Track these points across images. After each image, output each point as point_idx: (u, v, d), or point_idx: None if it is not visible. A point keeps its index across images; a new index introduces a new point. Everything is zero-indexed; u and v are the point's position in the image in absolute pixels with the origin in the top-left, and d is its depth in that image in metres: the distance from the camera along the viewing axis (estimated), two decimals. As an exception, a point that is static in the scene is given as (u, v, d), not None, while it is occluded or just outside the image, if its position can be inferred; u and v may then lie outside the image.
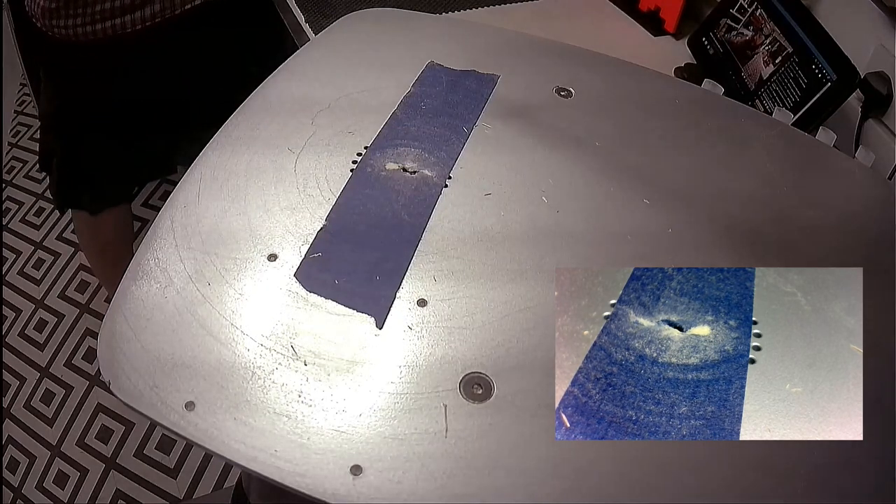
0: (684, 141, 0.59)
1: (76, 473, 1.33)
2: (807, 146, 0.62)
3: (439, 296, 0.45)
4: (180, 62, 1.10)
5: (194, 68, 1.10)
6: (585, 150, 0.56)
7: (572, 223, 0.50)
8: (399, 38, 0.68)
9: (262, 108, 0.58)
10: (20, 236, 1.76)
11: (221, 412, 0.39)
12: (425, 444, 0.38)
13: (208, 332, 0.42)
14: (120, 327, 0.42)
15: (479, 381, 0.41)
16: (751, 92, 0.88)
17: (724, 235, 0.51)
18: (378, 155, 0.53)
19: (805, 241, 0.52)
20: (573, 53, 0.68)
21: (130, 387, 0.40)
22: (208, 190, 0.50)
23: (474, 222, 0.49)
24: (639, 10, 1.07)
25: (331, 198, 0.50)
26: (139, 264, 0.45)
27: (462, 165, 0.53)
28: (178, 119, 1.11)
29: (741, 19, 0.92)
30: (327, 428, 0.39)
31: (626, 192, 0.53)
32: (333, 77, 0.61)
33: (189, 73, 1.10)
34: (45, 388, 1.46)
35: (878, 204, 0.58)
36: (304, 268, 0.45)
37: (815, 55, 0.79)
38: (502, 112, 0.58)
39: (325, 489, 0.37)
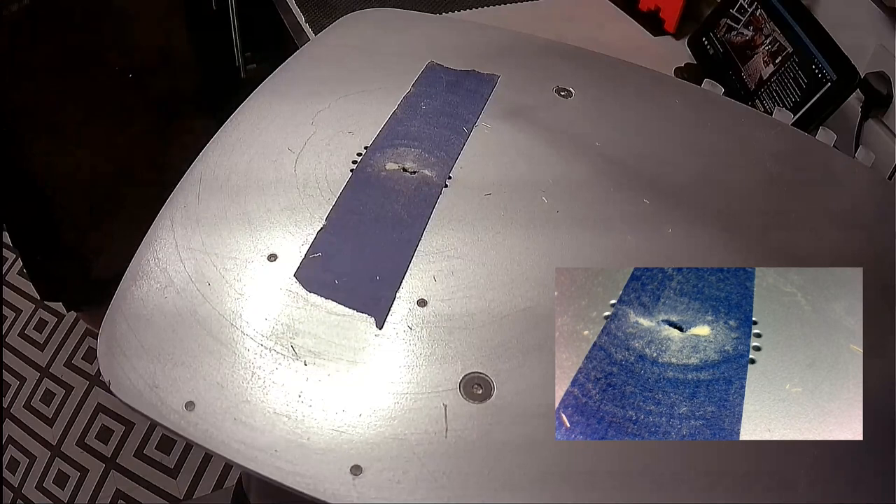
0: (684, 141, 0.59)
1: (76, 473, 1.33)
2: (807, 146, 0.62)
3: (439, 296, 0.45)
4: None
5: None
6: (585, 150, 0.56)
7: (572, 223, 0.50)
8: (399, 38, 0.67)
9: (262, 108, 0.57)
10: (20, 236, 1.76)
11: (221, 412, 0.39)
12: (425, 444, 0.38)
13: (208, 332, 0.42)
14: (120, 327, 0.42)
15: (479, 381, 0.41)
16: (751, 92, 0.88)
17: (724, 235, 0.51)
18: (378, 155, 0.53)
19: (805, 241, 0.52)
20: (573, 53, 0.68)
21: (130, 387, 0.40)
22: (208, 190, 0.50)
23: (474, 222, 0.49)
24: (639, 10, 1.07)
25: (331, 198, 0.50)
26: (139, 264, 0.45)
27: (462, 165, 0.53)
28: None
29: (741, 19, 0.92)
30: (327, 428, 0.39)
31: (626, 192, 0.53)
32: (333, 77, 0.61)
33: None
34: (45, 388, 1.46)
35: (878, 204, 0.58)
36: (304, 268, 0.45)
37: (815, 55, 0.79)
38: (502, 112, 0.58)
39: (325, 489, 0.37)
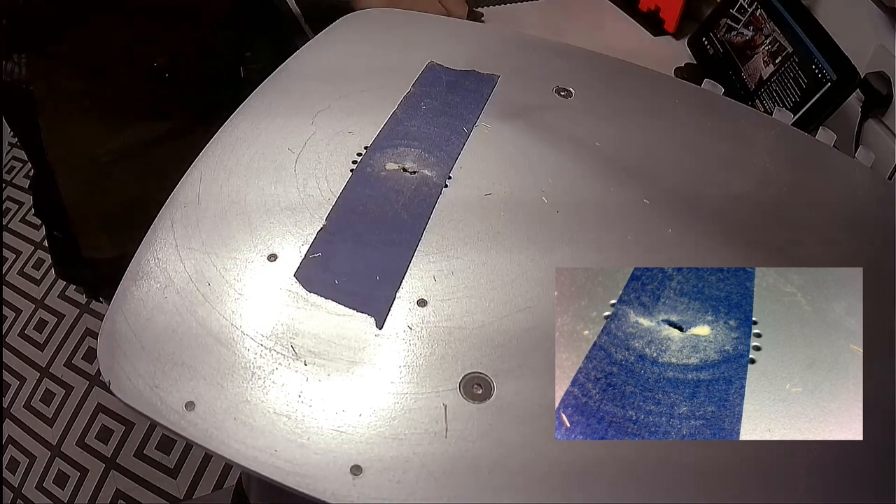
0: (684, 141, 0.59)
1: (76, 473, 1.33)
2: (807, 146, 0.62)
3: (439, 296, 0.45)
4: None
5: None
6: (585, 150, 0.56)
7: (572, 223, 0.50)
8: (399, 38, 0.67)
9: (262, 108, 0.57)
10: (20, 236, 1.76)
11: (221, 412, 0.39)
12: (425, 444, 0.38)
13: (208, 332, 0.42)
14: (120, 327, 0.42)
15: (479, 381, 0.41)
16: (751, 92, 0.88)
17: (724, 235, 0.51)
18: (378, 155, 0.53)
19: (805, 241, 0.52)
20: (573, 53, 0.68)
21: (130, 387, 0.40)
22: (208, 190, 0.50)
23: (474, 222, 0.49)
24: (639, 10, 1.07)
25: (331, 198, 0.50)
26: (139, 264, 0.45)
27: (462, 165, 0.53)
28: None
29: (741, 19, 0.92)
30: (327, 428, 0.38)
31: (626, 192, 0.53)
32: (333, 77, 0.61)
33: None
34: (45, 388, 1.46)
35: (878, 204, 0.58)
36: (304, 268, 0.45)
37: (815, 55, 0.79)
38: (502, 112, 0.58)
39: (325, 489, 0.37)
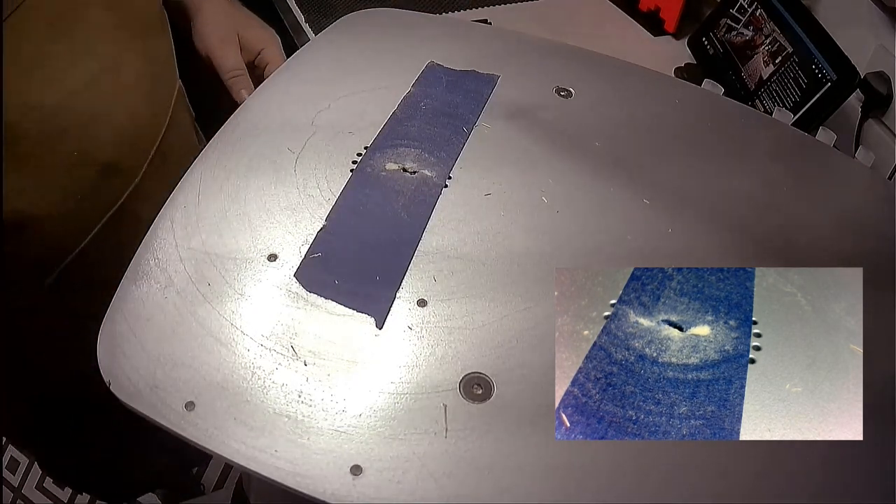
0: (684, 141, 0.59)
1: (76, 473, 1.33)
2: (806, 146, 0.62)
3: (439, 296, 0.45)
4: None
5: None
6: (585, 150, 0.56)
7: (572, 223, 0.50)
8: (399, 38, 0.67)
9: (261, 108, 0.57)
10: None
11: (221, 412, 0.39)
12: (425, 444, 0.38)
13: (208, 332, 0.42)
14: (120, 327, 0.42)
15: (479, 381, 0.41)
16: (751, 92, 0.88)
17: (724, 235, 0.51)
18: (378, 155, 0.53)
19: (805, 241, 0.52)
20: (573, 53, 0.68)
21: (130, 387, 0.40)
22: (208, 190, 0.50)
23: (474, 222, 0.49)
24: (639, 10, 1.08)
25: (331, 198, 0.50)
26: (139, 264, 0.45)
27: (462, 165, 0.53)
28: None
29: (741, 19, 0.92)
30: (327, 428, 0.38)
31: (626, 192, 0.53)
32: (333, 77, 0.61)
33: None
34: (45, 388, 1.45)
35: (878, 204, 0.58)
36: (304, 268, 0.45)
37: (815, 55, 0.79)
38: (502, 112, 0.58)
39: (325, 489, 0.37)
